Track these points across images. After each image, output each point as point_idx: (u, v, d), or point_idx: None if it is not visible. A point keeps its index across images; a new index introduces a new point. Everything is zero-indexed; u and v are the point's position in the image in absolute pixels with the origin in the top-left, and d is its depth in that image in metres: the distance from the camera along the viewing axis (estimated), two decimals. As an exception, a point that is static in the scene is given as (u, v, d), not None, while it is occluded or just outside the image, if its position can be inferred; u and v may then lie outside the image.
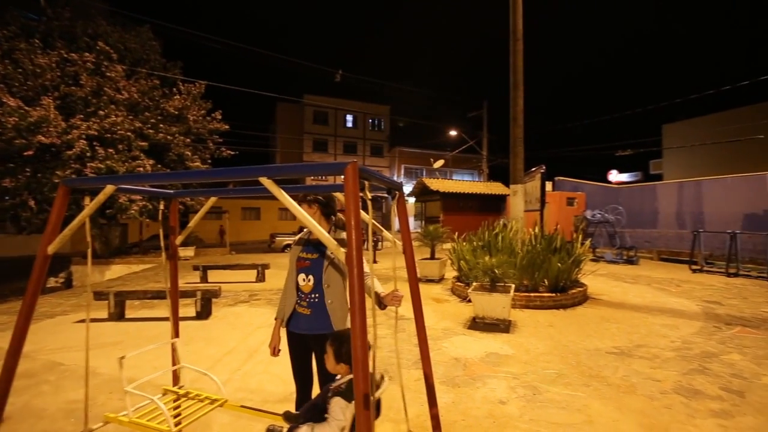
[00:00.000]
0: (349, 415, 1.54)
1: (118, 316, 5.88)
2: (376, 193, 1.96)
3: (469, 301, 5.55)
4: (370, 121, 38.47)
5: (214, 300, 6.24)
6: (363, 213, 1.71)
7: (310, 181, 26.81)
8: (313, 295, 2.13)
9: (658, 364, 3.88)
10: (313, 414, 1.66)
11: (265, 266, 9.51)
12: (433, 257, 8.89)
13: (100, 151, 11.19)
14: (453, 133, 25.77)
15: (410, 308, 2.08)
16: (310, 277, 2.14)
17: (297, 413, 1.72)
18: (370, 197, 1.56)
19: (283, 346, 2.25)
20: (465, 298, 6.33)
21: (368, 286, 1.99)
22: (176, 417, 2.01)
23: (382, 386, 1.70)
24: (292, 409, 1.92)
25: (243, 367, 3.90)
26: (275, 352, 2.25)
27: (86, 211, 1.80)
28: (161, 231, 2.47)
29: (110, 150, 11.41)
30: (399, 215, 2.04)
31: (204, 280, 9.14)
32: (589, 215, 13.84)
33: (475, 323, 5.18)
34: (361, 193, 1.45)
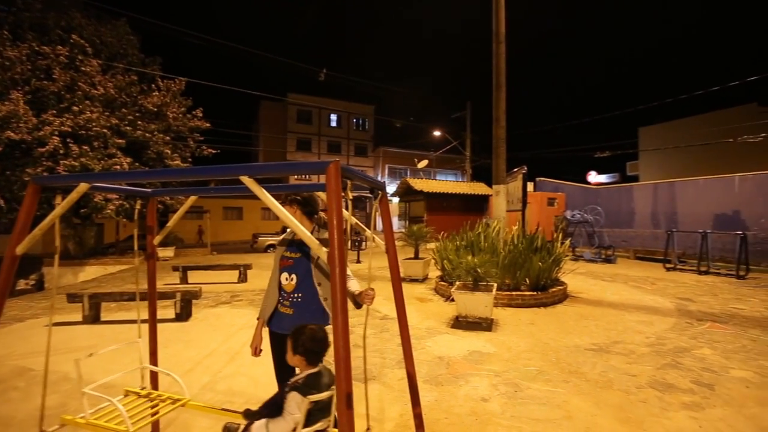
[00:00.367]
0: (304, 410, 1.54)
1: (93, 318, 5.69)
2: (359, 192, 1.96)
3: (453, 300, 5.60)
4: (355, 120, 38.33)
5: (194, 301, 6.10)
6: (344, 212, 1.70)
7: (293, 180, 26.55)
8: (295, 295, 2.11)
9: (634, 359, 4.00)
10: (272, 410, 1.66)
11: (248, 266, 9.35)
12: (417, 257, 8.94)
13: (74, 149, 10.79)
14: (437, 133, 25.91)
15: (394, 308, 2.08)
16: (293, 276, 2.12)
17: (256, 410, 1.72)
18: (352, 197, 1.56)
19: (265, 346, 2.23)
20: (448, 298, 6.38)
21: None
22: (135, 418, 1.97)
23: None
24: None
25: (224, 370, 3.82)
26: (257, 352, 2.22)
27: (57, 210, 1.73)
28: (135, 231, 2.40)
29: (85, 147, 11.02)
30: (382, 215, 2.04)
31: (184, 281, 8.93)
32: (569, 215, 14.18)
33: (458, 322, 5.23)
34: (343, 193, 1.44)
